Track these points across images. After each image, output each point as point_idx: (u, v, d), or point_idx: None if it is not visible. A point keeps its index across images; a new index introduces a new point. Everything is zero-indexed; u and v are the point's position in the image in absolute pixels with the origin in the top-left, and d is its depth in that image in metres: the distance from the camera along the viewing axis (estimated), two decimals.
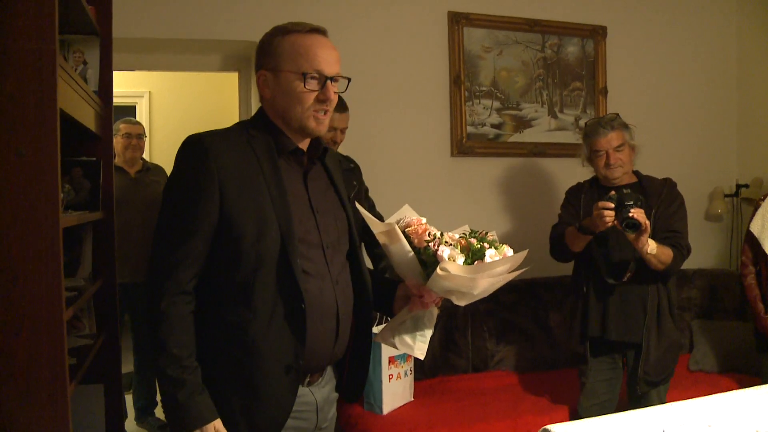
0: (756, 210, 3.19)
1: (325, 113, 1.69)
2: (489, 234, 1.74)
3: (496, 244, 1.71)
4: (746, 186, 4.30)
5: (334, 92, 1.68)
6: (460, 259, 1.66)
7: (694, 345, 3.88)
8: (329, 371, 1.82)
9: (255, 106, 3.58)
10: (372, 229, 1.74)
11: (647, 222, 2.56)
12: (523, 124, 4.02)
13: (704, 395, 2.05)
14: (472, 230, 1.76)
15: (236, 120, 3.96)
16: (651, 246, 2.64)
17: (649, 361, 2.83)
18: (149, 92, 5.05)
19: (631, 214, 2.53)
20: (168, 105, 5.12)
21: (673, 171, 3.06)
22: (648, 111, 4.19)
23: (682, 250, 2.76)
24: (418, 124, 3.75)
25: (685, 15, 4.40)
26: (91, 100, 2.32)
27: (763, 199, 3.18)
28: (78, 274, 2.37)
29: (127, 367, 3.88)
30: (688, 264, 3.30)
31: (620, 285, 2.81)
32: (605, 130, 2.81)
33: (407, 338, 1.85)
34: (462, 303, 1.75)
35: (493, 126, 3.93)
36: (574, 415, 3.10)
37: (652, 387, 2.85)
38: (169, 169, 4.41)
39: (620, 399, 3.03)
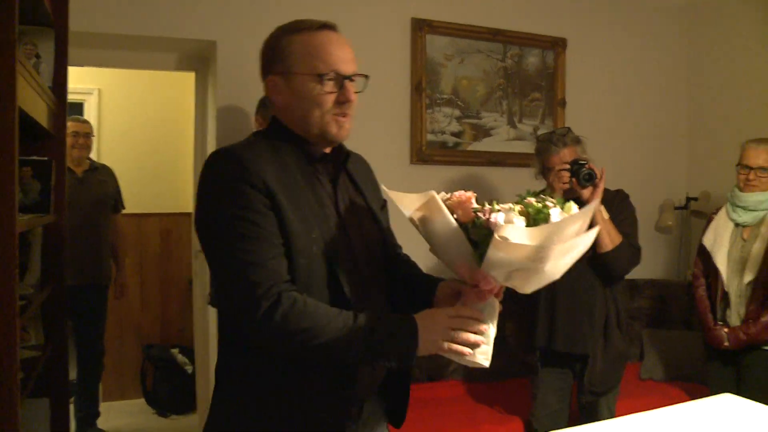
0: (708, 224, 3.24)
1: (346, 116, 1.54)
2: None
3: (561, 202, 1.40)
4: (695, 199, 4.39)
5: (354, 92, 1.55)
6: (520, 221, 1.35)
7: (644, 354, 3.93)
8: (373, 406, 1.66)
9: (212, 107, 3.48)
10: (403, 209, 1.49)
11: (602, 169, 2.66)
12: (482, 133, 4.01)
13: (654, 404, 2.12)
14: (527, 191, 1.47)
15: (191, 122, 3.89)
16: (604, 212, 2.70)
17: (594, 372, 2.84)
18: (98, 90, 4.87)
19: (588, 167, 2.65)
20: (118, 103, 4.93)
21: (625, 183, 3.08)
22: (603, 123, 4.24)
23: (632, 244, 2.78)
24: (378, 130, 3.70)
25: (640, 30, 4.47)
26: (45, 96, 2.20)
27: (716, 213, 3.23)
28: (26, 281, 2.23)
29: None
30: (639, 274, 3.35)
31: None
32: (557, 147, 2.81)
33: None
34: (528, 289, 1.43)
35: (452, 134, 3.91)
36: (528, 425, 3.12)
37: (597, 397, 2.88)
38: (117, 168, 4.32)
39: (572, 409, 3.04)
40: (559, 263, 1.36)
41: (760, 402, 2.08)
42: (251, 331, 1.39)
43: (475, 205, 1.41)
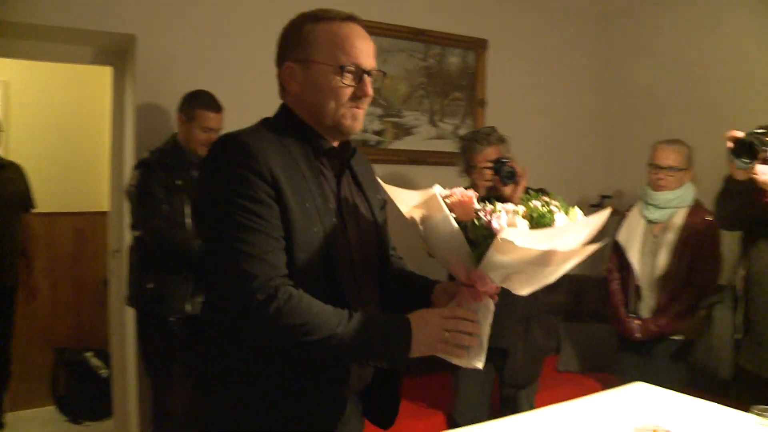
0: (622, 221, 3.37)
1: (360, 109, 1.51)
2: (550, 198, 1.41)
3: (566, 207, 1.38)
4: (609, 197, 4.55)
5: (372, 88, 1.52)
6: (523, 224, 1.34)
7: (560, 347, 4.05)
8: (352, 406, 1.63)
9: (131, 104, 3.37)
10: (400, 205, 1.48)
11: (524, 168, 2.72)
12: (403, 131, 4.04)
13: (571, 395, 2.19)
14: (529, 189, 1.43)
15: (107, 118, 3.76)
16: None
17: (515, 366, 2.92)
18: (5, 82, 4.64)
19: (510, 165, 2.71)
20: (28, 97, 4.71)
21: (543, 182, 3.15)
22: (522, 123, 4.33)
23: None
24: None
25: (558, 32, 4.61)
26: None
27: (629, 211, 3.36)
28: None
29: None
30: None
31: None
32: (481, 146, 2.87)
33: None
34: (524, 291, 1.45)
35: (374, 132, 3.93)
36: (450, 419, 3.16)
37: (518, 390, 2.96)
38: (28, 165, 4.13)
39: (493, 402, 3.11)
40: (559, 269, 1.36)
41: (668, 389, 2.20)
42: (243, 322, 1.36)
43: (477, 206, 1.40)
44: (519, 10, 4.43)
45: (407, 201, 1.47)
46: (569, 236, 1.33)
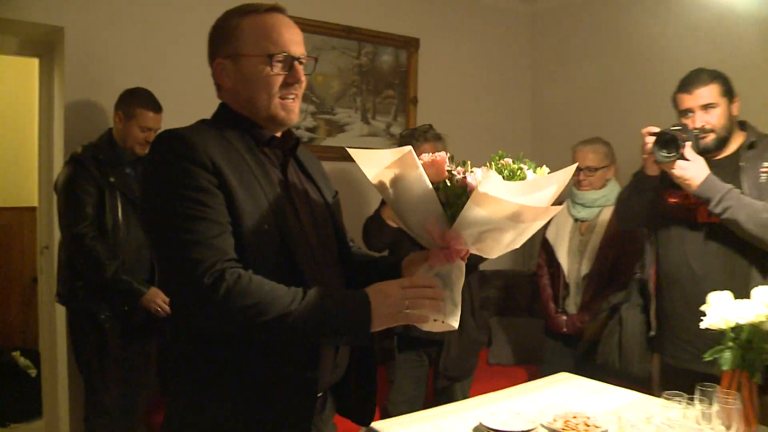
0: (551, 219, 3.49)
1: (294, 99, 1.53)
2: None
3: (533, 165, 1.43)
4: None
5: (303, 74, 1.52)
6: (497, 178, 1.37)
7: (492, 340, 4.17)
8: (328, 403, 1.64)
9: (60, 97, 3.31)
10: (367, 168, 1.48)
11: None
12: (336, 128, 4.08)
13: (502, 386, 2.29)
14: (500, 153, 1.44)
15: (34, 111, 3.67)
16: None
17: (450, 358, 3.00)
18: None
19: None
20: None
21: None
22: (454, 121, 4.40)
23: None
24: None
25: (490, 33, 4.72)
26: None
27: None
28: None
29: None
30: (488, 266, 3.56)
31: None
32: (418, 143, 2.93)
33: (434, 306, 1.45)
34: (494, 253, 1.47)
35: (307, 129, 3.96)
36: (384, 411, 3.18)
37: (452, 382, 3.04)
38: None
39: (428, 395, 3.18)
40: (528, 229, 1.42)
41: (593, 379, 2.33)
42: (195, 310, 1.35)
43: (449, 165, 1.43)
44: (450, 9, 4.51)
45: (377, 163, 1.47)
46: (541, 191, 1.39)
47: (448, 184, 1.40)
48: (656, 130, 2.32)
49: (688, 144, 2.28)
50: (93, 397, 2.98)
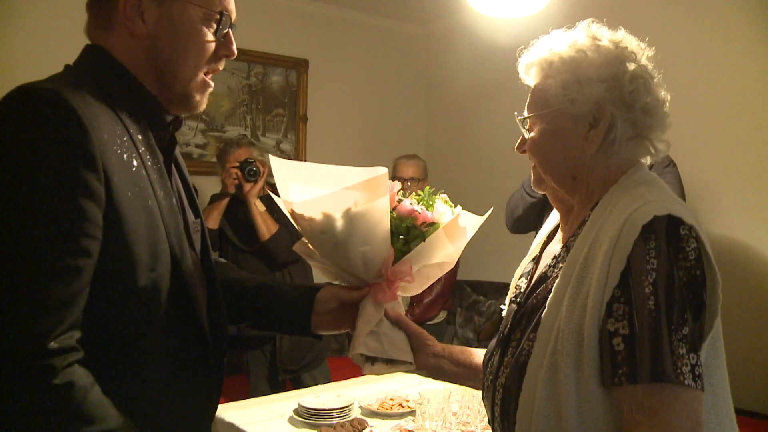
0: None
1: (210, 85, 1.18)
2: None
3: (444, 199, 1.34)
4: None
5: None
6: (449, 210, 1.33)
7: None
8: None
9: None
10: (322, 187, 1.25)
11: (266, 168, 2.99)
12: None
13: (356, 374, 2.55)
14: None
15: None
16: (261, 205, 3.06)
17: (282, 352, 3.14)
18: None
19: (254, 164, 3.03)
20: None
21: None
22: (345, 139, 4.62)
23: (291, 232, 2.94)
24: None
25: (382, 54, 4.89)
26: None
27: None
28: None
29: None
30: None
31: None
32: (232, 149, 3.15)
33: (397, 344, 1.30)
34: (417, 289, 1.36)
35: (197, 146, 4.11)
36: None
37: (293, 374, 3.18)
38: None
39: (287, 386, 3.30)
40: (444, 268, 1.36)
41: None
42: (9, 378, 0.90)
43: (398, 196, 1.31)
44: (339, 32, 4.68)
45: (339, 181, 1.25)
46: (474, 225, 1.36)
47: (393, 215, 1.27)
48: None
49: None
50: None
